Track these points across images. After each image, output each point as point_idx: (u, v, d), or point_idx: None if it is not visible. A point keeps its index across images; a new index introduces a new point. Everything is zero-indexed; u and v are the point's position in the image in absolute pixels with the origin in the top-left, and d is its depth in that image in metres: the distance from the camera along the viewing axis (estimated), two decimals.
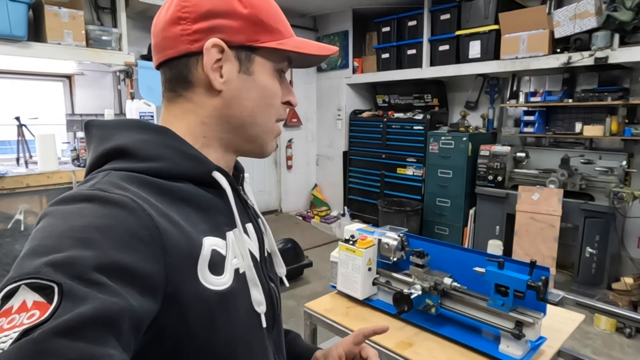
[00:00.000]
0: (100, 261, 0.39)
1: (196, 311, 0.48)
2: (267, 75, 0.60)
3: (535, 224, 3.42)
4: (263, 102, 0.60)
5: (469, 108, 4.40)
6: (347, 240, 1.49)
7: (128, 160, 0.52)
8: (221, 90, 0.57)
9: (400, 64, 4.56)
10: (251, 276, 0.58)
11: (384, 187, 4.78)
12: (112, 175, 0.49)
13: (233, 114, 0.59)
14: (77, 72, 3.56)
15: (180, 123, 0.58)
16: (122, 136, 0.54)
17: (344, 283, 1.50)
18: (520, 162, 3.81)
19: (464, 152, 3.93)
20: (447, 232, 4.16)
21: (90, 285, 0.37)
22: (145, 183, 0.50)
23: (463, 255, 1.36)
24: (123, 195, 0.45)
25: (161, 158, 0.53)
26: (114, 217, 0.43)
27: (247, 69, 0.58)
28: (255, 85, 0.59)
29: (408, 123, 4.49)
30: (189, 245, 0.49)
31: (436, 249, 1.41)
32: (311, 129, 5.60)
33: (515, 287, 1.14)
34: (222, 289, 0.52)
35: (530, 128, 3.76)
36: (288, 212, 5.48)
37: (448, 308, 1.30)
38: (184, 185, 0.54)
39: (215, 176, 0.57)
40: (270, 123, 0.63)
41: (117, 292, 0.38)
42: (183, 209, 0.52)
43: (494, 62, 3.74)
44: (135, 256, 0.42)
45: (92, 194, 0.45)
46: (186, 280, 0.47)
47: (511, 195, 3.64)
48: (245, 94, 0.59)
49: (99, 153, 0.54)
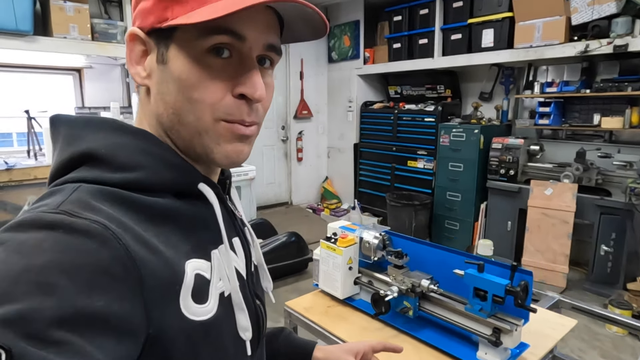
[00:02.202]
0: (63, 312, 0.33)
1: (179, 346, 0.43)
2: (182, 61, 0.47)
3: (547, 220, 3.29)
4: (181, 96, 0.48)
5: (483, 99, 4.25)
6: (328, 237, 1.45)
7: (100, 168, 0.45)
8: (145, 85, 0.50)
9: (412, 54, 4.44)
10: (237, 300, 0.52)
11: (395, 180, 4.70)
12: (82, 191, 0.42)
13: (161, 114, 0.50)
14: (86, 65, 3.61)
15: (146, 125, 0.52)
16: (94, 138, 0.47)
17: (325, 281, 1.47)
18: (534, 156, 3.67)
19: (476, 144, 3.81)
20: (457, 227, 4.06)
21: (48, 346, 0.31)
22: (120, 200, 0.43)
23: (445, 256, 1.30)
24: (93, 222, 0.38)
25: (139, 167, 0.46)
26: (82, 250, 0.37)
27: (162, 57, 0.48)
28: (170, 76, 0.48)
29: (419, 115, 4.39)
30: (169, 274, 0.43)
31: (418, 248, 1.36)
32: (322, 121, 5.54)
33: (494, 291, 1.08)
34: (206, 318, 0.46)
35: (546, 120, 3.60)
36: (298, 204, 5.47)
37: (427, 311, 1.24)
38: (163, 201, 0.47)
39: (202, 189, 0.51)
40: (203, 122, 0.48)
41: (82, 350, 0.33)
42: (163, 229, 0.46)
43: (507, 51, 3.59)
44: (108, 298, 0.36)
45: (57, 219, 0.38)
46: (168, 315, 0.42)
47: (524, 190, 3.51)
48: (164, 87, 0.49)
49: (66, 157, 0.47)
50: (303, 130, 5.36)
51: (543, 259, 3.32)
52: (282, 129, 5.30)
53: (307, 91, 5.27)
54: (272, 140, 5.24)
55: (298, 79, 5.21)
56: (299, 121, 5.32)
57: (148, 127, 0.51)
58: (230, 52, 0.47)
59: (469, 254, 1.26)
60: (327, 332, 1.28)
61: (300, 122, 5.33)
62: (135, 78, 0.50)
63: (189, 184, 0.50)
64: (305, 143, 5.40)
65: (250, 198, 3.97)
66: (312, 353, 0.81)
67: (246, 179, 3.88)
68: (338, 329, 1.27)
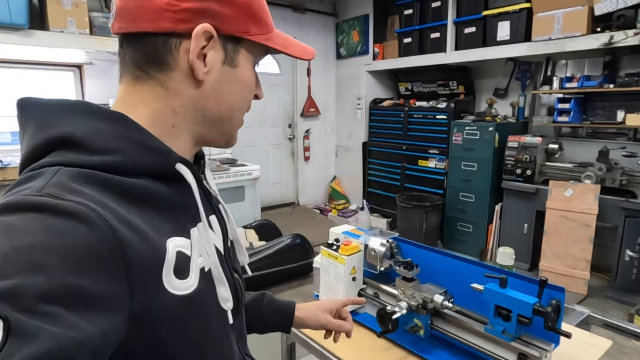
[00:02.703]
0: (53, 288, 0.35)
1: (165, 322, 0.46)
2: (249, 68, 0.57)
3: (567, 223, 3.10)
4: (242, 96, 0.58)
5: (498, 96, 4.06)
6: (329, 244, 1.31)
7: (77, 152, 0.45)
8: (202, 80, 0.53)
9: (423, 49, 4.27)
10: (217, 274, 0.55)
11: (405, 180, 4.53)
12: (62, 174, 0.43)
13: (210, 107, 0.55)
14: (86, 61, 3.51)
15: (146, 108, 0.52)
16: (68, 122, 0.47)
17: (327, 293, 1.32)
18: (553, 155, 3.47)
19: (490, 143, 3.63)
20: (470, 229, 3.88)
21: (41, 318, 0.33)
22: (101, 183, 0.44)
23: (461, 266, 1.15)
24: (79, 203, 0.40)
25: (116, 151, 0.47)
26: (69, 232, 0.38)
27: (232, 61, 0.55)
28: (237, 79, 0.56)
29: (430, 112, 4.21)
30: (153, 253, 0.45)
31: (430, 257, 1.21)
32: (330, 119, 5.39)
33: (519, 311, 0.93)
34: (188, 292, 0.49)
35: (565, 117, 3.41)
36: (305, 204, 5.33)
37: (440, 330, 1.09)
38: (142, 182, 0.48)
39: (179, 169, 0.52)
40: (242, 117, 0.61)
41: (73, 323, 0.35)
42: (144, 210, 0.47)
43: (524, 45, 3.40)
44: (96, 277, 0.38)
45: (42, 201, 0.39)
46: (152, 292, 0.44)
47: (541, 191, 3.32)
48: (225, 86, 0.55)
49: (39, 141, 0.46)
50: (310, 129, 5.22)
51: (562, 264, 3.13)
52: (288, 127, 5.16)
53: (314, 88, 5.13)
54: (279, 139, 5.10)
55: (305, 76, 5.06)
56: (306, 119, 5.18)
57: (152, 111, 0.52)
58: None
59: (488, 266, 1.10)
60: (327, 353, 1.14)
61: (307, 120, 5.19)
62: (197, 72, 0.52)
63: (166, 165, 0.51)
64: (313, 142, 5.26)
65: (254, 198, 3.83)
66: (294, 313, 0.89)
67: (250, 179, 3.75)
68: (340, 349, 1.12)
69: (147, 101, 0.52)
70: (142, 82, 0.52)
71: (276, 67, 4.90)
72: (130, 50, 0.52)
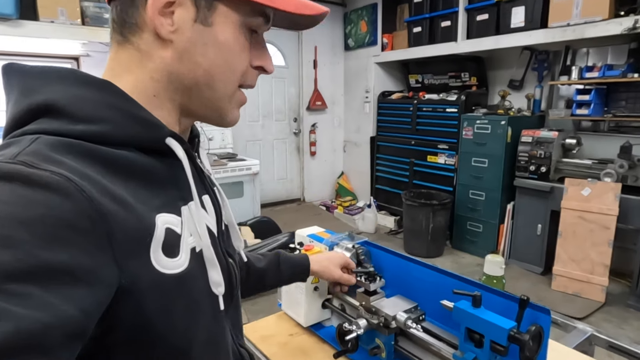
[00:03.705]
0: (22, 265, 0.32)
1: (151, 299, 0.43)
2: (230, 29, 0.50)
3: (584, 225, 2.86)
4: (222, 61, 0.51)
5: (513, 87, 3.81)
6: (292, 249, 1.16)
7: (61, 120, 0.43)
8: (171, 40, 0.48)
9: (433, 38, 4.05)
10: (209, 256, 0.52)
11: (413, 177, 4.33)
12: (41, 142, 0.40)
13: (184, 72, 0.50)
14: (83, 53, 3.45)
15: (129, 76, 0.49)
16: (52, 89, 0.44)
17: (289, 303, 1.18)
18: (570, 151, 3.23)
19: (502, 138, 3.41)
20: (480, 229, 3.67)
21: (8, 297, 0.31)
22: (84, 152, 0.41)
23: (438, 278, 0.98)
24: (55, 173, 0.37)
25: (102, 120, 0.44)
26: (42, 203, 0.35)
27: (206, 19, 0.49)
28: (213, 40, 0.50)
29: (440, 105, 4.00)
30: (139, 226, 0.43)
31: (404, 266, 1.05)
32: (338, 113, 5.22)
33: (493, 336, 0.77)
34: (177, 271, 0.46)
35: (585, 109, 3.15)
36: (311, 201, 5.18)
37: (405, 353, 0.94)
38: (130, 154, 0.46)
39: (170, 143, 0.49)
40: (229, 88, 0.53)
41: (42, 302, 0.32)
42: (130, 183, 0.44)
43: (540, 32, 3.16)
44: (72, 250, 0.35)
45: (14, 170, 0.36)
46: (138, 267, 0.42)
47: (557, 190, 3.09)
48: (200, 48, 0.49)
49: (23, 108, 0.44)
50: (316, 123, 5.06)
51: (578, 268, 2.90)
52: (294, 121, 5.02)
53: (321, 81, 4.96)
54: (284, 133, 4.97)
55: (311, 68, 4.90)
56: (312, 113, 5.02)
57: (134, 79, 0.49)
58: (257, 31, 0.53)
59: (468, 280, 0.94)
60: None
61: (313, 114, 5.03)
62: (160, 30, 0.47)
63: (156, 139, 0.48)
64: (319, 136, 5.10)
65: (253, 194, 3.71)
66: (310, 267, 0.95)
67: (249, 174, 3.63)
68: None
69: (130, 68, 0.49)
70: (123, 48, 0.50)
71: (281, 59, 4.75)
72: (111, 13, 0.50)
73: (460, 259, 3.68)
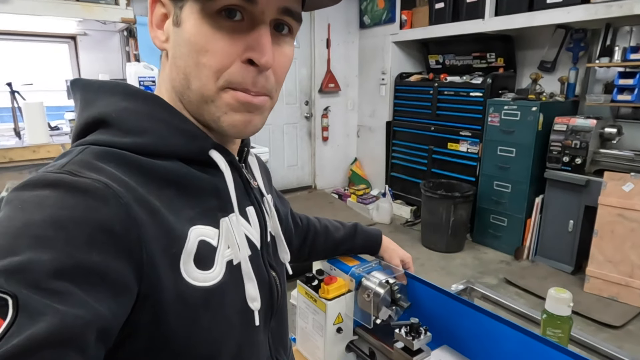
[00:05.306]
0: (61, 265, 0.34)
1: (176, 310, 0.43)
2: (193, 22, 0.46)
3: (625, 224, 2.61)
4: (191, 59, 0.47)
5: (544, 70, 3.50)
6: (309, 278, 0.94)
7: (111, 132, 0.46)
8: (165, 49, 0.50)
9: (458, 16, 3.72)
10: (247, 269, 0.51)
11: (432, 165, 4.07)
12: (87, 152, 0.43)
13: (174, 78, 0.50)
14: (80, 32, 3.21)
15: (165, 91, 0.52)
16: (105, 103, 0.47)
17: (304, 342, 0.97)
18: (609, 141, 2.94)
19: (533, 125, 3.12)
20: (505, 223, 3.43)
21: (49, 295, 0.32)
22: (125, 161, 0.44)
23: (499, 329, 0.76)
24: (95, 180, 0.39)
25: (146, 132, 0.46)
26: (81, 207, 0.37)
27: (177, 18, 0.47)
28: (182, 38, 0.47)
29: (464, 89, 3.70)
30: (170, 236, 0.43)
31: (452, 308, 0.83)
32: (352, 95, 4.93)
33: None
34: (209, 284, 0.46)
35: (627, 95, 2.85)
36: (323, 188, 4.96)
37: None
38: (172, 164, 0.47)
39: (212, 155, 0.50)
40: (208, 89, 0.47)
41: (81, 300, 0.34)
42: (166, 192, 0.45)
43: (580, 7, 2.83)
44: (106, 254, 0.37)
45: (59, 178, 0.39)
46: (165, 277, 0.42)
47: (593, 183, 2.82)
48: (177, 50, 0.48)
49: (82, 121, 0.48)
50: (329, 106, 4.78)
51: (616, 271, 2.66)
52: (305, 104, 4.75)
53: (334, 61, 4.66)
54: (295, 117, 4.71)
55: (324, 48, 4.60)
56: (325, 96, 4.74)
57: (165, 92, 0.52)
58: (242, 14, 0.46)
59: (537, 336, 0.71)
60: None
61: (326, 97, 4.75)
62: (155, 42, 0.50)
63: (199, 151, 0.49)
64: (332, 121, 4.83)
65: None
66: (381, 243, 0.97)
67: None
68: None
69: (165, 80, 0.51)
70: (163, 60, 0.52)
71: None
72: None
73: (482, 254, 3.46)
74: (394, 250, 0.97)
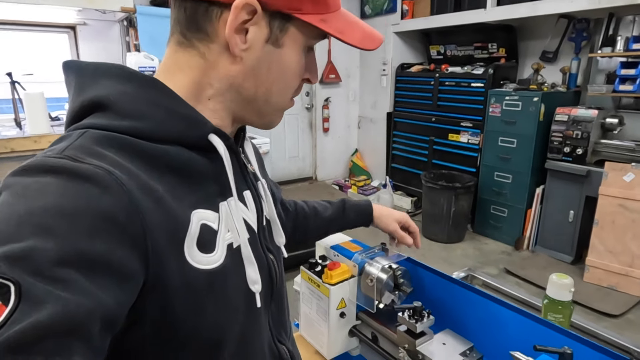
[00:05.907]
0: (65, 253, 0.34)
1: (182, 295, 0.43)
2: (296, 51, 0.51)
3: (626, 214, 2.61)
4: (283, 80, 0.52)
5: (546, 60, 3.48)
6: (312, 264, 0.95)
7: (109, 116, 0.45)
8: (240, 57, 0.49)
9: (460, 5, 3.70)
10: (246, 252, 0.52)
11: (433, 156, 4.07)
12: (87, 137, 0.42)
13: (247, 87, 0.51)
14: (79, 21, 3.19)
15: (184, 77, 0.50)
16: (102, 86, 0.46)
17: (308, 328, 0.98)
18: (611, 131, 2.94)
19: (534, 116, 3.12)
20: (505, 213, 3.44)
21: (52, 282, 0.32)
22: (126, 146, 0.43)
23: (501, 313, 0.77)
24: (97, 167, 0.38)
25: (145, 117, 0.46)
26: (83, 195, 0.37)
27: (277, 40, 0.50)
28: (279, 60, 0.51)
29: (465, 79, 3.69)
30: (174, 222, 0.43)
31: (455, 293, 0.83)
32: (353, 86, 4.92)
33: None
34: (212, 267, 0.47)
35: (629, 85, 2.84)
36: (324, 180, 4.96)
37: None
38: (173, 149, 0.46)
39: (212, 140, 0.49)
40: (284, 101, 0.55)
41: (85, 288, 0.34)
42: (169, 178, 0.45)
43: None
44: (110, 242, 0.37)
45: (60, 164, 0.38)
46: (170, 263, 0.42)
47: (594, 174, 2.83)
48: (265, 67, 0.50)
49: (77, 105, 0.46)
50: (330, 97, 4.77)
51: (616, 261, 2.67)
52: (306, 95, 4.74)
53: (335, 52, 4.64)
54: (295, 108, 4.69)
55: None
56: (326, 87, 4.73)
57: (189, 81, 0.50)
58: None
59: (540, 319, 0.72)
60: None
61: (327, 87, 4.74)
62: (233, 47, 0.48)
63: (199, 135, 0.49)
64: (333, 112, 4.82)
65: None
66: (373, 212, 0.96)
67: None
68: None
69: (186, 70, 0.50)
70: (183, 49, 0.49)
71: None
72: (174, 11, 0.49)
73: (483, 245, 3.47)
74: (388, 216, 0.96)
